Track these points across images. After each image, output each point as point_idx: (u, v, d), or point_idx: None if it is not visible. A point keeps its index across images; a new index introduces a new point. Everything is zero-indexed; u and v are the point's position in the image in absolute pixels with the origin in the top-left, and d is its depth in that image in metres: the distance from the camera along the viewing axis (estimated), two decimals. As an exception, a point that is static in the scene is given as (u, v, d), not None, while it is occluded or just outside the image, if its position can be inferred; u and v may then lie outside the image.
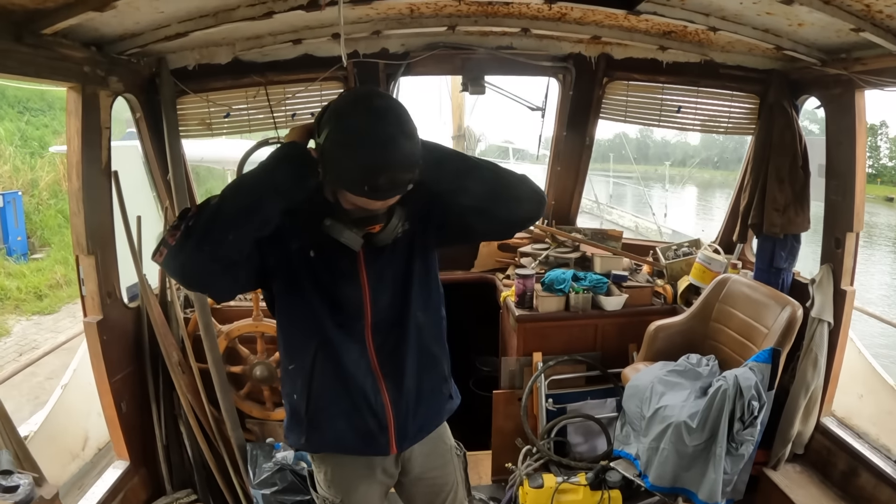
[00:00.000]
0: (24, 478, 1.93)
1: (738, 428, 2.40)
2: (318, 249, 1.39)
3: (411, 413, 1.50)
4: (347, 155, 1.19)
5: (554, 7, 2.47)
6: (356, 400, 1.44)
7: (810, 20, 2.23)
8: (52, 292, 8.97)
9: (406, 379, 1.48)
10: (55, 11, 1.89)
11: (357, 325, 1.43)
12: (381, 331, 1.45)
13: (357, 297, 1.42)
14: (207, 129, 3.01)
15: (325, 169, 1.22)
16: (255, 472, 2.58)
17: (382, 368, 1.46)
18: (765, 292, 2.77)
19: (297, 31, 2.69)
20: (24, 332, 7.96)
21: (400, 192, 1.24)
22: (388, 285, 1.45)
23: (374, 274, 1.43)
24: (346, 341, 1.43)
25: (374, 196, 1.22)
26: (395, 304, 1.45)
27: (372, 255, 1.40)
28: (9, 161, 10.05)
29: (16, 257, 9.37)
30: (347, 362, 1.43)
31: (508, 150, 14.97)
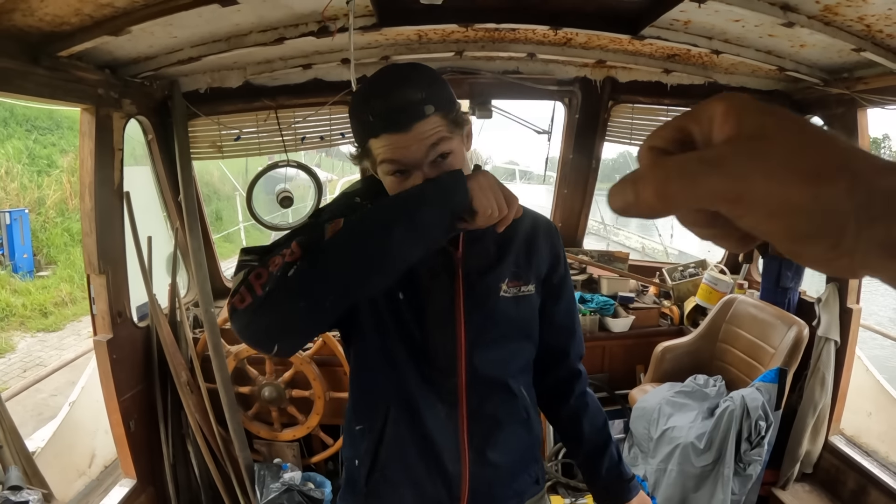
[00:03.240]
0: (34, 494, 1.95)
1: (746, 448, 2.41)
2: (408, 289, 1.16)
3: (490, 493, 1.26)
4: (361, 108, 1.04)
5: (559, 32, 2.54)
6: (430, 467, 1.21)
7: (812, 41, 2.28)
8: (57, 310, 9.00)
9: (494, 452, 1.23)
10: (71, 35, 1.96)
11: (448, 382, 1.19)
12: (479, 391, 1.20)
13: (451, 347, 1.18)
14: (218, 151, 3.07)
15: (362, 150, 1.07)
16: (262, 492, 2.58)
17: (471, 437, 1.21)
18: (771, 312, 2.79)
19: (307, 56, 2.76)
20: (29, 348, 7.98)
21: (416, 113, 1.00)
22: (491, 336, 1.20)
23: (475, 321, 1.18)
24: (432, 400, 1.19)
25: (392, 125, 1.00)
26: (497, 361, 1.22)
27: (472, 299, 1.17)
28: (16, 179, 10.15)
29: (22, 274, 9.41)
30: (429, 426, 1.19)
31: (515, 171, 15.08)
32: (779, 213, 0.29)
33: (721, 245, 0.37)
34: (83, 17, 1.87)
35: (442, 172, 1.01)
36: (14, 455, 2.06)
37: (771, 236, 0.30)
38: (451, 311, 1.17)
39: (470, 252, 1.17)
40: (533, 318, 1.25)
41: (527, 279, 1.21)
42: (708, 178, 0.30)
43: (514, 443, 1.26)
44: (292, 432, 2.78)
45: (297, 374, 2.69)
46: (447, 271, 1.16)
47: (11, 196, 9.97)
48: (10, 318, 8.45)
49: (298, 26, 2.26)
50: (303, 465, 2.86)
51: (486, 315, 1.19)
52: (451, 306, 1.17)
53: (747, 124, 0.30)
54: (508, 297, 1.19)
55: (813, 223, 0.29)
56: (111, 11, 1.87)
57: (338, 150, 19.96)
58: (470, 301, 1.17)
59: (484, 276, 1.18)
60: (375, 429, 1.21)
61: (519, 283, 1.20)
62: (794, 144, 0.29)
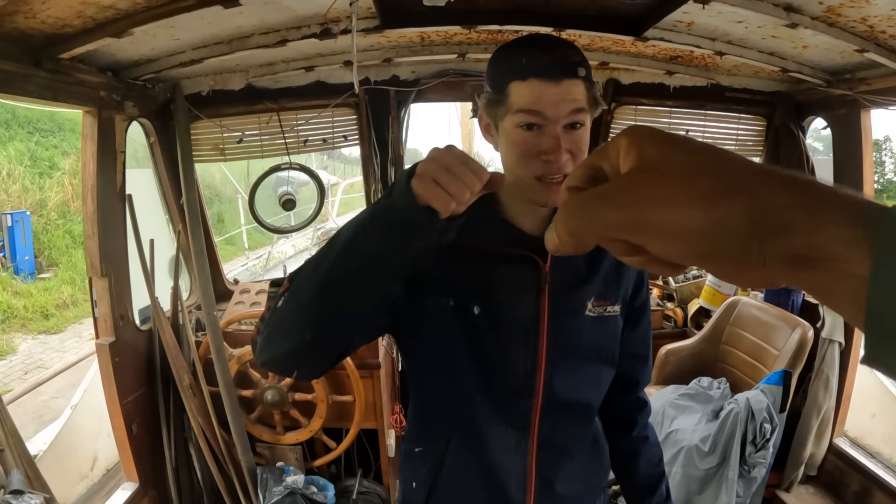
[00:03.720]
0: (36, 498, 1.94)
1: (751, 451, 2.41)
2: (485, 302, 1.07)
3: None
4: (512, 52, 1.00)
5: (563, 34, 2.52)
6: (491, 497, 1.14)
7: (814, 42, 2.27)
8: (58, 312, 9.01)
9: (562, 483, 1.15)
10: (73, 37, 1.96)
11: (522, 406, 1.10)
12: (553, 417, 1.11)
13: (530, 367, 1.09)
14: (220, 153, 3.06)
15: (496, 93, 1.00)
16: (265, 495, 2.57)
17: (540, 466, 1.13)
18: (775, 314, 2.79)
19: (310, 59, 2.75)
20: (30, 350, 7.98)
21: (570, 70, 0.95)
22: (574, 357, 1.12)
23: (559, 340, 1.10)
24: (502, 426, 1.11)
25: (545, 72, 0.94)
26: (576, 385, 1.13)
27: (557, 316, 1.09)
28: (18, 181, 10.15)
29: (23, 276, 9.42)
30: (495, 453, 1.11)
31: None
32: (680, 237, 0.30)
33: (654, 271, 0.37)
34: (85, 19, 1.87)
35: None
36: (16, 458, 2.05)
37: (681, 259, 0.32)
38: (534, 329, 1.08)
39: (558, 265, 1.07)
40: (615, 341, 1.17)
41: (613, 299, 1.13)
42: (604, 212, 0.32)
43: (582, 473, 1.19)
44: (295, 436, 2.77)
45: (300, 377, 2.67)
46: (533, 285, 1.07)
47: (13, 198, 9.97)
48: (11, 320, 8.45)
49: (301, 28, 2.26)
50: (305, 469, 2.84)
51: (571, 334, 1.10)
52: (535, 323, 1.07)
53: (646, 155, 0.32)
54: (593, 317, 1.11)
55: (715, 243, 0.30)
56: (113, 14, 1.87)
57: (339, 153, 19.88)
58: (555, 318, 1.08)
59: (572, 293, 1.10)
60: (437, 453, 1.14)
61: (605, 302, 1.12)
62: (689, 169, 0.31)
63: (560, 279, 1.08)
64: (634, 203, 0.31)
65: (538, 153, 0.96)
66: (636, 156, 0.32)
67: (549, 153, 0.95)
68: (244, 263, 7.63)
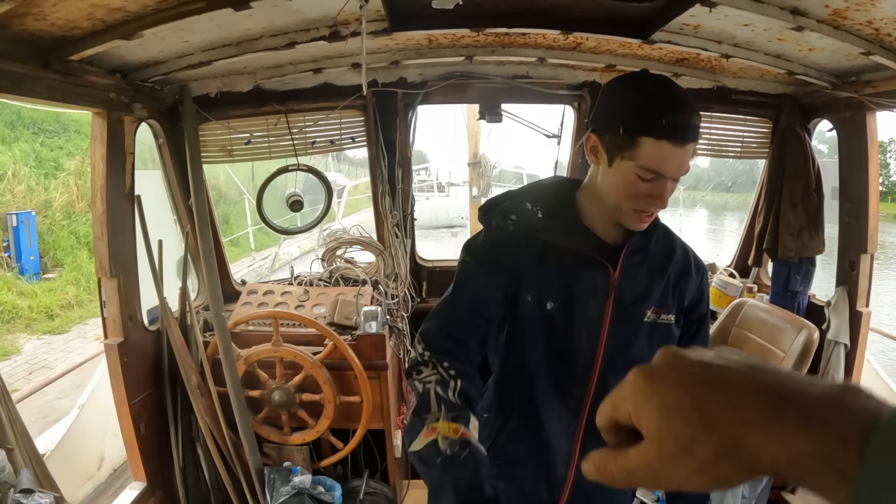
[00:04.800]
0: (45, 497, 1.94)
1: (757, 452, 2.40)
2: (560, 300, 1.22)
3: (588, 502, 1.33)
4: (649, 103, 1.09)
5: (570, 37, 2.53)
6: (538, 466, 1.30)
7: (820, 45, 2.26)
8: (63, 312, 9.02)
9: None
10: (82, 39, 1.96)
11: (577, 393, 1.26)
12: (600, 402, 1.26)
13: (590, 359, 1.24)
14: (228, 155, 3.07)
15: (627, 138, 1.10)
16: (272, 496, 2.58)
17: (584, 447, 1.28)
18: (781, 316, 2.78)
19: (318, 61, 2.76)
20: (35, 351, 7.99)
21: (694, 136, 1.10)
22: (626, 356, 1.25)
23: (616, 340, 1.24)
24: (557, 409, 1.27)
25: (678, 137, 1.07)
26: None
27: (618, 319, 1.23)
28: (23, 181, 10.18)
29: (28, 277, 9.44)
30: (548, 430, 1.28)
31: (522, 175, 15.16)
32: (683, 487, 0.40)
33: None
34: (95, 21, 1.87)
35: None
36: (26, 457, 2.05)
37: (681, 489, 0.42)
38: (597, 327, 1.22)
39: (625, 275, 1.22)
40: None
41: (669, 308, 1.26)
42: (632, 482, 0.43)
43: None
44: (302, 436, 2.77)
45: (307, 378, 2.67)
46: (603, 289, 1.22)
47: (18, 198, 10.00)
48: (16, 321, 8.47)
49: (310, 31, 2.26)
50: (312, 469, 2.84)
51: (627, 336, 1.24)
52: (598, 322, 1.22)
53: (651, 429, 0.41)
54: (649, 323, 1.25)
55: (709, 487, 0.40)
56: (123, 16, 1.87)
57: (344, 155, 19.84)
58: (616, 321, 1.22)
59: (634, 300, 1.24)
60: (498, 422, 1.32)
61: (661, 310, 1.26)
62: (686, 442, 0.39)
63: (626, 287, 1.22)
64: (652, 479, 0.42)
65: (646, 196, 1.13)
66: (645, 427, 0.41)
67: (656, 199, 1.13)
68: (250, 264, 7.65)
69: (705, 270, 1.34)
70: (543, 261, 1.21)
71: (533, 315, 1.22)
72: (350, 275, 3.28)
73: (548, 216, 1.23)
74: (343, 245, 3.35)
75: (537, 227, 1.22)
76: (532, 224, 1.23)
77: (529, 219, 1.23)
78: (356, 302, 2.89)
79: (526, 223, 1.23)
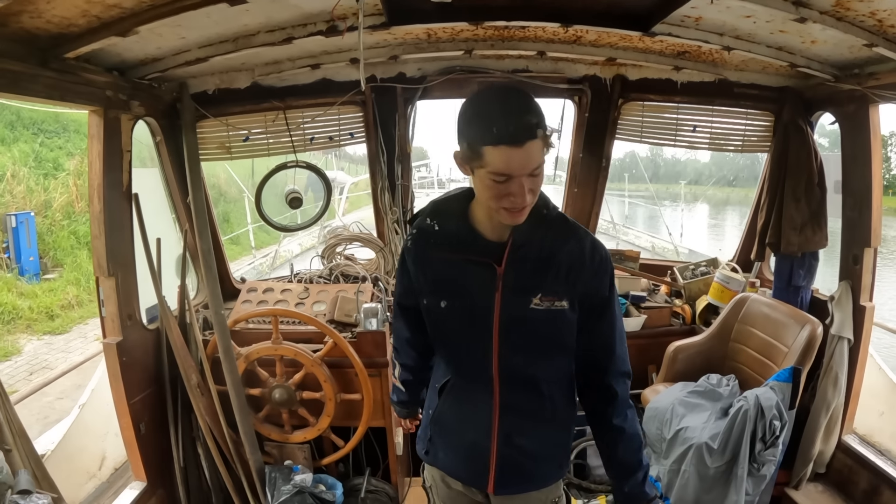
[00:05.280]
0: (43, 498, 1.93)
1: (760, 448, 2.38)
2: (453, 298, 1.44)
3: (516, 472, 1.51)
4: (482, 118, 1.23)
5: (570, 30, 2.51)
6: (467, 437, 1.52)
7: (823, 37, 2.26)
8: (63, 313, 9.04)
9: (521, 439, 1.48)
10: (79, 36, 1.96)
11: (484, 376, 1.46)
12: (510, 388, 1.46)
13: (487, 348, 1.43)
14: (227, 152, 3.06)
15: (472, 151, 1.23)
16: (273, 494, 2.57)
17: (501, 423, 1.47)
18: (784, 311, 2.77)
19: (316, 57, 2.75)
20: (36, 351, 8.00)
21: (530, 134, 1.19)
22: (520, 342, 1.43)
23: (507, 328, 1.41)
24: (474, 389, 1.50)
25: (512, 140, 1.18)
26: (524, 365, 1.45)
27: (507, 309, 1.39)
28: (22, 182, 10.19)
29: (28, 277, 9.45)
30: (470, 408, 1.51)
31: None
32: None
33: None
34: (90, 18, 1.86)
35: None
36: (24, 458, 2.04)
37: None
38: (490, 318, 1.39)
39: (510, 269, 1.37)
40: (564, 331, 1.43)
41: (560, 295, 1.38)
42: None
43: (540, 436, 1.50)
44: (303, 434, 2.76)
45: (308, 376, 2.67)
46: (490, 285, 1.38)
47: (18, 199, 10.01)
48: (16, 321, 8.48)
49: (307, 26, 2.25)
50: (314, 468, 2.84)
51: (517, 324, 1.40)
52: (490, 313, 1.39)
53: None
54: (540, 310, 1.38)
55: None
56: (119, 13, 1.86)
57: (344, 152, 19.81)
58: (505, 310, 1.39)
59: (519, 291, 1.38)
60: (439, 391, 1.56)
61: (552, 298, 1.38)
62: None
63: (511, 280, 1.38)
64: None
65: (507, 195, 1.25)
66: None
67: (516, 196, 1.25)
68: (251, 262, 7.67)
69: (604, 259, 1.42)
70: (436, 267, 1.44)
71: (433, 313, 1.46)
72: (350, 272, 3.27)
73: (442, 228, 1.43)
74: (343, 242, 3.34)
75: (431, 240, 1.44)
76: (428, 236, 1.45)
77: (428, 232, 1.45)
78: (356, 299, 2.88)
79: (424, 236, 1.46)
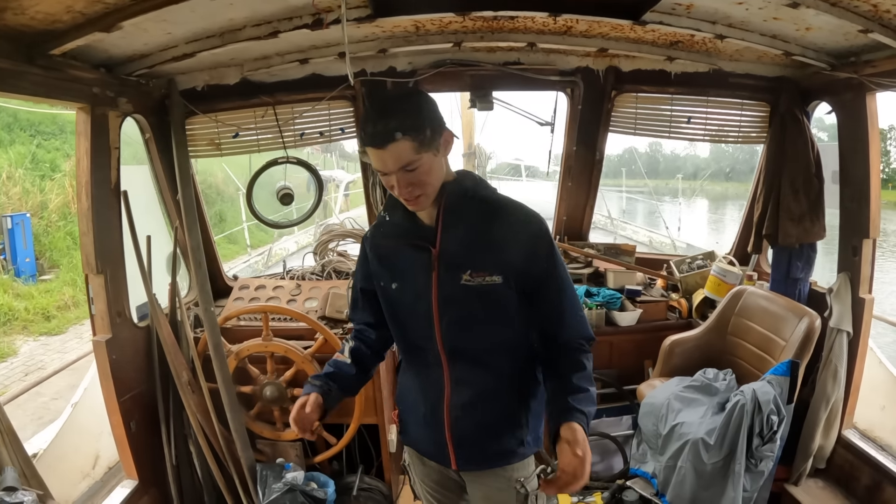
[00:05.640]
0: (29, 495, 1.96)
1: (758, 444, 2.37)
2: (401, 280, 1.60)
3: (473, 444, 1.62)
4: (361, 123, 1.45)
5: (559, 20, 2.52)
6: (425, 409, 1.65)
7: (817, 24, 2.25)
8: (60, 313, 9.13)
9: (474, 412, 1.59)
10: (64, 33, 1.98)
11: (432, 351, 1.59)
12: (457, 362, 1.58)
13: (429, 324, 1.56)
14: (216, 149, 3.09)
15: (363, 149, 1.49)
16: (264, 492, 2.59)
17: (453, 395, 1.60)
18: (781, 304, 2.77)
19: (304, 51, 2.77)
20: (32, 352, 8.09)
21: (389, 138, 1.36)
22: (457, 317, 1.55)
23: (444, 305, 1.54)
24: (426, 363, 1.62)
25: (375, 143, 1.38)
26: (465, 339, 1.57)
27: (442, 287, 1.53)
28: (18, 183, 10.29)
29: (24, 278, 9.55)
30: (424, 381, 1.65)
31: (520, 167, 15.19)
32: None
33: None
34: (75, 14, 1.89)
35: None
36: (11, 456, 2.07)
37: None
38: (429, 296, 1.54)
39: (443, 250, 1.52)
40: (501, 305, 1.54)
41: (491, 270, 1.50)
42: None
43: (491, 409, 1.60)
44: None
45: (299, 373, 2.69)
46: (427, 265, 1.53)
47: (14, 200, 10.12)
48: (12, 323, 8.58)
49: (293, 19, 2.27)
50: (307, 466, 2.86)
51: (452, 300, 1.53)
52: (429, 292, 1.53)
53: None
54: (471, 286, 1.50)
55: None
56: (102, 8, 1.89)
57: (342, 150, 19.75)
58: (441, 288, 1.53)
59: (451, 268, 1.51)
60: (401, 367, 1.77)
61: (483, 273, 1.50)
62: None
63: (444, 259, 1.52)
64: None
65: (391, 187, 1.45)
66: None
67: (400, 188, 1.43)
68: (246, 260, 7.75)
69: (535, 233, 1.51)
70: (387, 253, 1.62)
71: (386, 294, 1.62)
72: (342, 268, 3.29)
73: (392, 218, 1.60)
74: (335, 238, 3.37)
75: (382, 229, 1.63)
76: (382, 227, 1.64)
77: (381, 223, 1.64)
78: (348, 295, 2.90)
79: (379, 227, 1.65)
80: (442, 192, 1.49)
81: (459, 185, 1.51)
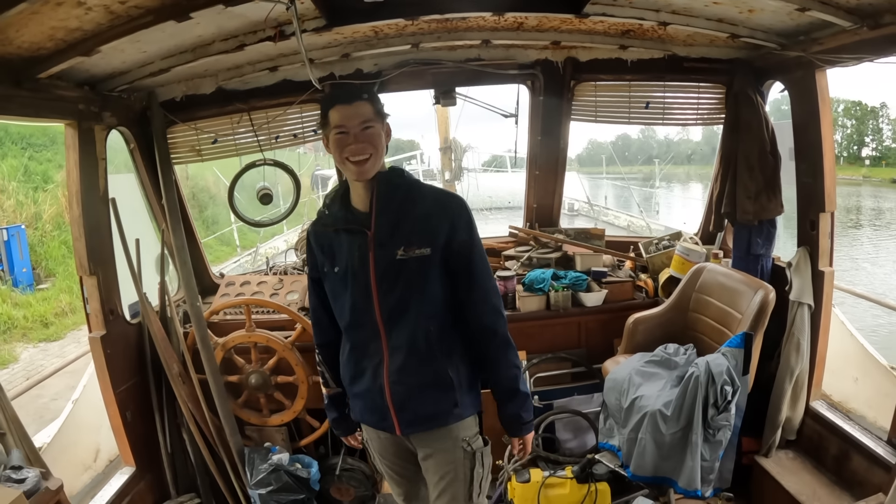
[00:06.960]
0: (32, 472, 2.27)
1: (713, 414, 2.54)
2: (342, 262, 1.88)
3: (410, 407, 1.90)
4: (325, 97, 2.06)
5: (508, 17, 2.80)
6: (366, 376, 1.93)
7: (759, 5, 2.47)
8: (57, 320, 9.68)
9: (407, 375, 1.88)
10: (49, 58, 2.31)
11: (371, 321, 1.87)
12: (392, 329, 1.86)
13: (368, 296, 1.85)
14: (197, 155, 3.45)
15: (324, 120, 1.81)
16: (252, 473, 2.95)
17: (390, 361, 1.88)
18: (739, 279, 2.96)
19: (273, 60, 3.10)
20: (32, 358, 8.62)
21: (356, 96, 1.76)
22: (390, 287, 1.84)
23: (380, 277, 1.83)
24: (365, 331, 1.90)
25: (343, 100, 1.75)
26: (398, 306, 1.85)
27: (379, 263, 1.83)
28: (12, 196, 10.85)
29: (22, 288, 10.12)
30: (363, 350, 1.93)
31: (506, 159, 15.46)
32: None
33: None
34: (57, 41, 2.22)
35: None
36: (17, 440, 2.41)
37: None
38: (367, 272, 1.83)
39: (378, 231, 1.83)
40: (431, 272, 1.84)
41: (420, 244, 1.82)
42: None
43: (425, 370, 1.88)
44: (280, 417, 3.14)
45: (281, 361, 3.04)
46: (363, 247, 1.84)
47: (8, 213, 10.67)
48: (12, 331, 9.14)
49: (256, 33, 2.60)
50: (293, 449, 3.22)
51: (388, 272, 1.83)
52: (367, 271, 1.83)
53: None
54: (404, 259, 1.81)
55: None
56: (81, 34, 2.22)
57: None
58: (378, 266, 1.83)
59: (385, 246, 1.82)
60: (345, 348, 1.99)
61: (414, 247, 1.81)
62: None
63: (379, 239, 1.82)
64: None
65: (347, 145, 1.77)
66: None
67: (353, 144, 1.76)
68: (236, 260, 8.19)
69: (454, 210, 1.84)
70: (328, 241, 1.91)
71: (329, 278, 1.92)
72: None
73: (330, 210, 1.91)
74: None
75: (322, 221, 1.94)
76: (322, 218, 1.95)
77: (322, 215, 1.95)
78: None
79: (320, 219, 1.96)
80: (374, 181, 1.81)
81: (389, 175, 1.85)
